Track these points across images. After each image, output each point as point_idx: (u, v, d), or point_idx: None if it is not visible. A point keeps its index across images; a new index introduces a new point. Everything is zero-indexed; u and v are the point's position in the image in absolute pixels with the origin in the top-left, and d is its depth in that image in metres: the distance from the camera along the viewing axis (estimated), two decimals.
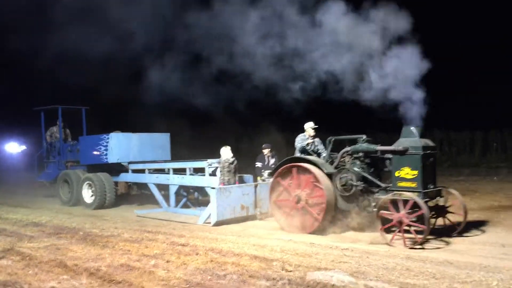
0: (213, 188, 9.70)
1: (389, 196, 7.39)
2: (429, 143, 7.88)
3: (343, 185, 8.19)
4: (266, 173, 11.14)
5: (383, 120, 10.53)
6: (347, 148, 8.63)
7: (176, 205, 11.73)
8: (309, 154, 9.47)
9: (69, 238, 8.23)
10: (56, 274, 5.88)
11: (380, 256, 6.47)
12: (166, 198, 11.69)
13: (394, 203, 7.24)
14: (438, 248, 7.10)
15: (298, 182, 8.61)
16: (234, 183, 10.35)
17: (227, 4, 10.23)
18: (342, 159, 8.70)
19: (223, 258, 6.37)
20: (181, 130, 13.60)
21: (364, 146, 8.45)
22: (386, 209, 7.33)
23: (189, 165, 11.47)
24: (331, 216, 8.26)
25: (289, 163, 8.85)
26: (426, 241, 7.08)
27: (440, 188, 7.95)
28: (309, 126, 9.94)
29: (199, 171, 11.44)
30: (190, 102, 12.20)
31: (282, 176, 8.88)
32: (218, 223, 9.38)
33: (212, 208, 9.58)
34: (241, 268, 5.92)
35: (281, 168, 8.90)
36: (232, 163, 10.48)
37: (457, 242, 7.28)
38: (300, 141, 9.78)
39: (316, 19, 9.43)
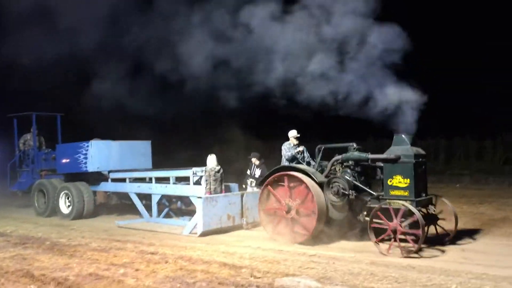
0: (199, 197, 9.78)
1: (381, 204, 7.59)
2: (420, 151, 8.08)
3: (335, 194, 8.32)
4: (249, 181, 11.38)
5: (367, 127, 10.42)
6: (338, 157, 8.74)
7: (159, 215, 11.80)
8: (298, 162, 9.69)
9: (35, 248, 8.38)
10: (23, 284, 6.05)
11: (346, 262, 6.86)
12: (148, 208, 11.90)
13: (387, 212, 7.44)
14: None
15: (289, 191, 8.72)
16: (221, 192, 10.51)
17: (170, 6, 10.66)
18: (333, 168, 8.84)
19: (193, 266, 6.66)
20: (143, 138, 13.86)
21: (356, 154, 8.55)
22: (378, 218, 7.53)
23: (173, 173, 11.52)
24: (322, 226, 8.42)
25: (279, 171, 8.98)
26: (421, 249, 7.33)
27: (431, 196, 8.26)
28: (292, 135, 10.03)
29: (182, 180, 11.56)
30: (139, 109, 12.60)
31: (271, 184, 9.00)
32: (204, 234, 9.55)
33: (198, 218, 9.68)
34: (211, 276, 6.20)
35: (271, 176, 9.02)
36: (218, 171, 10.60)
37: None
38: (287, 149, 9.85)
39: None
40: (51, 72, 12.61)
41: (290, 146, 9.83)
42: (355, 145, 8.60)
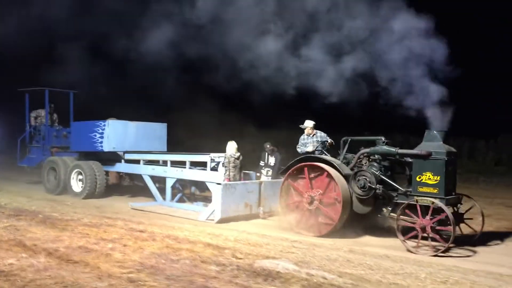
0: (219, 183, 10.02)
1: (410, 200, 7.80)
2: (452, 149, 8.26)
3: (361, 187, 8.35)
4: (265, 171, 11.65)
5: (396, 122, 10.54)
6: (366, 149, 8.87)
7: (172, 199, 12.07)
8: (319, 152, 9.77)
9: (28, 220, 9.13)
10: (15, 252, 6.69)
11: (325, 248, 7.68)
12: (160, 191, 12.27)
13: (413, 208, 7.71)
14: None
15: (309, 183, 8.93)
16: (239, 180, 10.76)
17: None
18: (358, 161, 8.99)
19: (178, 245, 7.45)
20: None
21: (385, 148, 8.66)
22: (406, 214, 7.77)
23: (189, 158, 11.74)
24: (346, 215, 8.60)
25: (303, 162, 9.13)
26: (450, 248, 7.60)
27: (459, 195, 8.46)
28: (307, 125, 10.18)
29: (197, 165, 11.86)
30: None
31: (292, 177, 9.22)
32: (221, 220, 9.71)
33: (216, 204, 9.92)
34: (194, 254, 6.90)
35: (292, 168, 9.19)
36: (237, 158, 10.78)
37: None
38: (302, 145, 10.08)
39: None
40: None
41: (304, 141, 10.08)
42: (383, 139, 8.77)
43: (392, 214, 8.24)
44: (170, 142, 13.95)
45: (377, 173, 8.39)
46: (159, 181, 12.38)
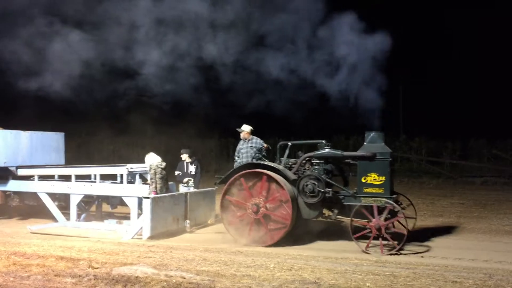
0: (147, 197, 9.53)
1: (364, 202, 8.38)
2: (389, 149, 8.97)
3: (310, 192, 8.65)
4: (185, 180, 11.25)
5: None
6: (310, 154, 9.15)
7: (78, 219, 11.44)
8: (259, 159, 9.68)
9: None
10: None
11: (182, 250, 8.56)
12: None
13: (366, 209, 8.54)
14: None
15: (249, 191, 8.89)
16: (166, 192, 10.34)
17: None
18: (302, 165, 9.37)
19: (27, 261, 7.59)
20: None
21: (331, 151, 9.00)
22: (359, 216, 8.44)
23: (99, 171, 10.97)
24: (296, 214, 8.70)
25: (237, 172, 9.08)
26: (403, 247, 8.40)
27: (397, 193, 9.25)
28: (247, 130, 9.76)
29: (105, 178, 11.00)
30: None
31: (228, 192, 9.02)
32: (151, 238, 9.42)
33: (144, 221, 9.52)
34: (46, 269, 7.06)
35: (229, 180, 8.99)
36: (164, 168, 10.33)
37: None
38: (248, 148, 9.59)
39: None
40: None
41: (242, 151, 9.69)
42: (324, 142, 9.10)
43: (339, 216, 8.84)
44: None
45: (322, 176, 8.66)
46: (58, 198, 11.39)
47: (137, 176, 10.53)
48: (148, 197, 9.45)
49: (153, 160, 10.26)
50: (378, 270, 6.84)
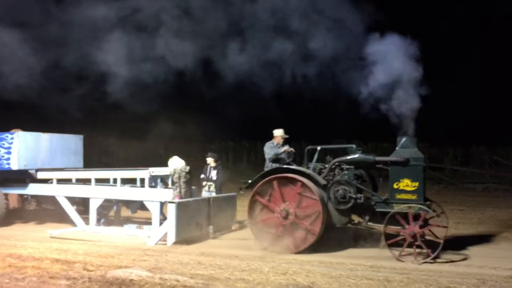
0: (172, 202, 9.36)
1: (398, 209, 8.11)
2: (423, 155, 8.87)
3: (341, 198, 8.50)
4: (206, 186, 10.94)
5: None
6: (341, 158, 8.92)
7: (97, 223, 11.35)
8: (286, 163, 9.56)
9: None
10: None
11: (177, 253, 8.77)
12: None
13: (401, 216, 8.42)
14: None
15: (280, 196, 8.68)
16: (190, 197, 10.21)
17: None
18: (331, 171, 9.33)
19: (23, 263, 7.78)
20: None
21: (362, 156, 8.81)
22: (393, 223, 8.23)
23: (120, 174, 10.72)
24: (324, 226, 8.56)
25: (269, 175, 8.88)
26: (439, 255, 8.22)
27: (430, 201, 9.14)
28: (278, 134, 9.66)
29: (126, 182, 10.83)
30: None
31: (259, 193, 8.80)
32: (176, 243, 9.15)
33: (169, 226, 9.31)
34: (42, 271, 7.19)
35: (261, 182, 8.74)
36: (188, 172, 10.14)
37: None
38: (270, 148, 9.51)
39: None
40: None
41: (273, 145, 9.66)
42: (355, 147, 8.92)
43: (370, 223, 8.73)
44: None
45: (353, 182, 8.50)
46: (77, 202, 11.06)
47: (159, 180, 10.39)
48: (173, 202, 9.28)
49: (177, 163, 10.09)
50: (372, 275, 7.03)
